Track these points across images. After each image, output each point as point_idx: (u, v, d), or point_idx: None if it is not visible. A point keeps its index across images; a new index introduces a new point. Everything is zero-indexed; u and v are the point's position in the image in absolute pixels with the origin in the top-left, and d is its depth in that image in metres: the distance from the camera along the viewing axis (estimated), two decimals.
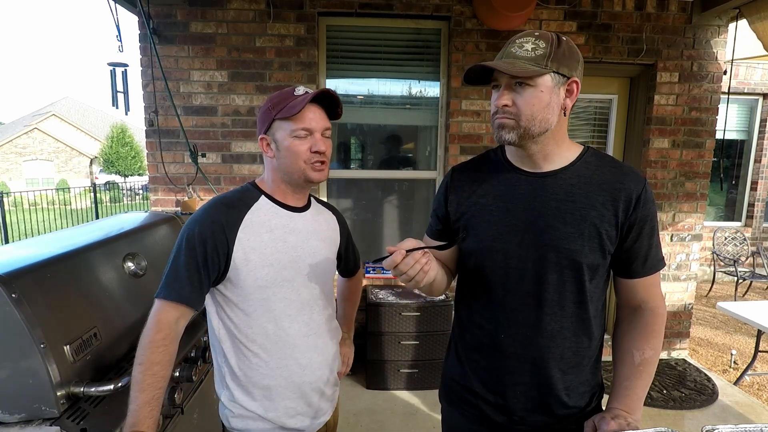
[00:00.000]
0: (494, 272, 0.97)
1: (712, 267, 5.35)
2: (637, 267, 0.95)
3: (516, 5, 2.44)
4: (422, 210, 3.20)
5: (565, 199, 0.92)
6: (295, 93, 1.06)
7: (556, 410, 0.97)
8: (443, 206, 1.06)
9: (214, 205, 1.06)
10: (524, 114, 0.88)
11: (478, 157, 1.08)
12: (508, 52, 0.89)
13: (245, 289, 1.04)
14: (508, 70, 0.86)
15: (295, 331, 1.09)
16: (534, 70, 0.85)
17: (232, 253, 1.02)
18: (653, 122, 2.97)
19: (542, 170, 0.95)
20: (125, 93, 2.70)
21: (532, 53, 0.86)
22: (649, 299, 0.97)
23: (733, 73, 3.15)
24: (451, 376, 1.10)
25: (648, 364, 0.94)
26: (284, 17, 2.71)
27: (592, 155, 0.97)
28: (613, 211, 0.91)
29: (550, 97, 0.88)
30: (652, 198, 0.93)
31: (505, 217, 0.96)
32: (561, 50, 0.87)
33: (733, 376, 3.12)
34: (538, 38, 0.87)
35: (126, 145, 23.32)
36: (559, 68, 0.87)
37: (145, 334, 0.94)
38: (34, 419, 0.95)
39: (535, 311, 0.94)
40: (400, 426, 2.40)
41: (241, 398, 1.08)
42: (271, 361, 1.07)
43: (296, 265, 1.09)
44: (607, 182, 0.92)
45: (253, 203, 1.09)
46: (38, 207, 12.40)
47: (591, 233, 0.91)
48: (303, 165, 1.06)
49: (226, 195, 1.10)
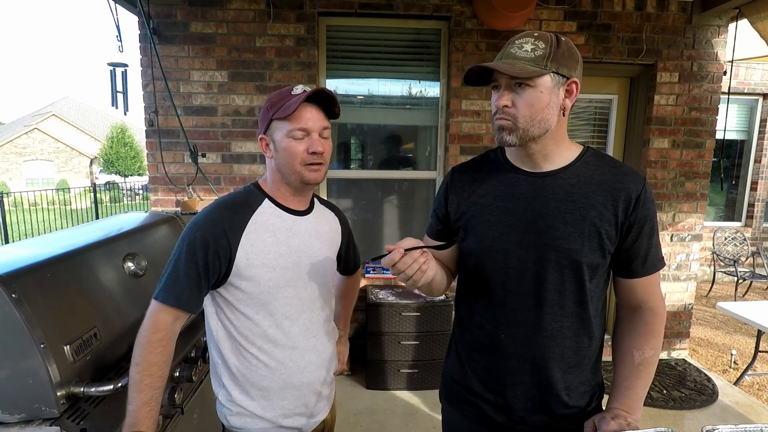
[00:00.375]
0: (494, 272, 0.97)
1: (712, 267, 5.35)
2: (637, 267, 0.95)
3: (516, 5, 2.44)
4: (422, 210, 3.20)
5: (565, 198, 0.92)
6: (293, 92, 1.04)
7: (556, 410, 0.97)
8: (443, 206, 1.07)
9: (216, 208, 1.05)
10: (523, 115, 0.89)
11: (478, 158, 1.08)
12: (508, 52, 0.89)
13: (247, 292, 1.04)
14: (508, 71, 0.86)
15: (294, 333, 1.09)
16: (533, 70, 0.86)
17: (234, 258, 1.01)
18: (653, 122, 2.97)
19: (542, 170, 0.96)
20: (125, 93, 2.70)
21: (532, 54, 0.86)
22: (649, 299, 0.98)
23: (733, 73, 3.15)
24: (451, 375, 1.10)
25: (648, 364, 0.94)
26: (284, 17, 2.71)
27: (591, 155, 0.97)
28: (612, 210, 0.91)
29: (549, 97, 0.88)
30: (651, 198, 0.94)
31: (505, 217, 0.96)
32: (560, 51, 0.87)
33: (733, 376, 3.12)
34: (538, 39, 0.88)
35: (126, 145, 23.33)
36: (559, 68, 0.87)
37: (142, 334, 0.94)
38: (34, 419, 0.95)
39: (535, 311, 0.94)
40: (400, 426, 2.40)
41: (239, 397, 1.08)
42: (271, 362, 1.07)
43: (298, 268, 1.09)
44: (607, 182, 0.92)
45: (257, 207, 1.07)
46: (38, 207, 12.40)
47: (591, 233, 0.91)
48: (299, 167, 1.04)
49: (230, 197, 1.08)
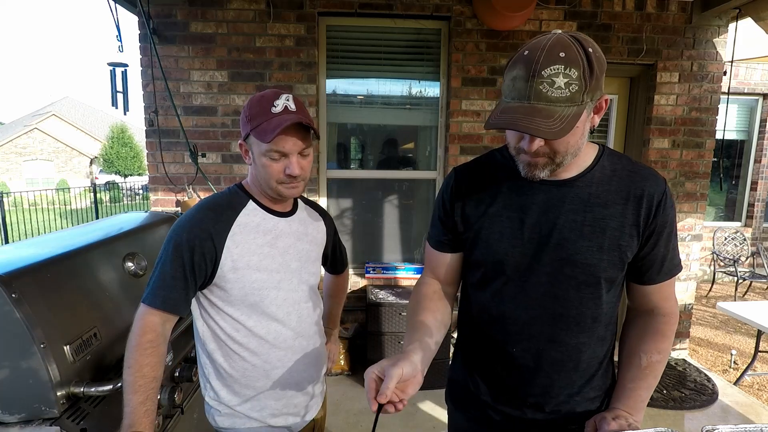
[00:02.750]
0: (505, 286, 0.92)
1: (712, 267, 5.34)
2: (653, 274, 0.91)
3: (516, 5, 2.44)
4: (422, 210, 3.20)
5: (583, 209, 0.86)
6: (272, 110, 0.99)
7: (566, 416, 0.95)
8: (450, 215, 0.97)
9: (201, 209, 1.03)
10: (560, 152, 0.81)
11: (482, 159, 1.00)
12: (538, 91, 0.73)
13: (233, 294, 1.03)
14: (548, 137, 0.73)
15: (282, 333, 1.09)
16: (572, 122, 0.74)
17: (219, 261, 1.00)
18: (653, 122, 2.96)
19: (558, 178, 0.88)
20: (125, 93, 2.70)
21: (567, 91, 0.72)
22: (663, 304, 0.94)
23: (733, 73, 3.15)
24: (457, 380, 1.08)
25: (654, 368, 0.91)
26: (284, 17, 2.71)
27: (608, 158, 0.90)
28: (633, 219, 0.86)
29: (584, 126, 0.80)
30: (672, 202, 0.88)
31: (517, 228, 0.89)
32: (594, 74, 0.74)
33: (733, 376, 3.12)
34: (568, 65, 0.72)
35: (126, 145, 23.31)
36: (594, 95, 0.76)
37: (131, 337, 0.94)
38: (34, 419, 0.95)
39: (549, 326, 0.90)
40: (400, 426, 2.40)
41: (227, 398, 1.08)
42: (258, 363, 1.07)
43: (285, 269, 1.09)
44: (626, 188, 0.87)
45: (242, 208, 1.06)
46: (38, 207, 12.39)
47: (611, 246, 0.86)
48: (275, 184, 1.04)
49: (213, 199, 1.07)
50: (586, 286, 0.87)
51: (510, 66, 0.78)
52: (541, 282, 0.89)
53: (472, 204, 0.94)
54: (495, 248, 0.91)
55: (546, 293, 0.89)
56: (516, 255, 0.89)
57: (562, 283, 0.88)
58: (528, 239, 0.88)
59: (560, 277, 0.87)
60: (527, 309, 0.91)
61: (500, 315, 0.94)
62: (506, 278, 0.91)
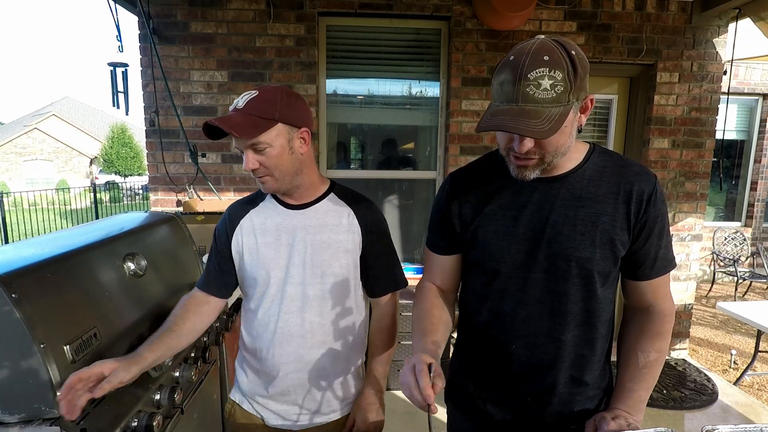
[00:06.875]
0: (503, 283, 0.94)
1: (712, 267, 5.35)
2: (646, 270, 0.92)
3: (516, 5, 2.44)
4: (422, 210, 3.20)
5: (575, 204, 0.89)
6: (230, 108, 1.03)
7: (566, 414, 0.96)
8: (447, 219, 1.00)
9: (234, 202, 1.19)
10: (550, 152, 0.83)
11: (477, 162, 1.03)
12: (525, 93, 0.75)
13: (242, 284, 1.17)
14: (535, 136, 0.76)
15: (282, 329, 1.10)
16: (559, 121, 0.76)
17: (231, 251, 1.15)
18: (653, 122, 2.97)
19: (549, 174, 0.91)
20: (125, 93, 2.70)
21: (552, 92, 0.75)
22: (658, 301, 0.95)
23: (733, 73, 3.15)
24: (457, 380, 1.09)
25: (652, 367, 0.92)
26: (284, 17, 2.71)
27: (599, 155, 0.93)
28: (624, 214, 0.88)
29: (571, 126, 0.83)
30: (663, 197, 0.90)
31: (512, 225, 0.92)
32: (578, 75, 0.77)
33: (733, 376, 3.12)
34: (553, 68, 0.75)
35: (126, 145, 23.32)
36: (579, 95, 0.79)
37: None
38: (34, 419, 0.95)
39: (547, 320, 0.92)
40: (400, 426, 2.40)
41: (240, 376, 1.22)
42: (257, 351, 1.14)
43: (291, 263, 1.09)
44: (617, 184, 0.89)
45: (260, 202, 1.15)
46: (38, 207, 12.39)
47: (603, 240, 0.88)
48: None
49: (248, 195, 1.21)
50: (580, 279, 0.90)
51: (497, 71, 0.80)
52: (538, 278, 0.91)
53: (469, 205, 0.97)
54: (491, 247, 0.93)
55: (543, 289, 0.91)
56: (512, 252, 0.92)
57: (558, 278, 0.90)
58: (522, 236, 0.91)
59: (555, 272, 0.90)
60: (526, 305, 0.93)
61: (500, 312, 0.95)
62: (504, 276, 0.93)
